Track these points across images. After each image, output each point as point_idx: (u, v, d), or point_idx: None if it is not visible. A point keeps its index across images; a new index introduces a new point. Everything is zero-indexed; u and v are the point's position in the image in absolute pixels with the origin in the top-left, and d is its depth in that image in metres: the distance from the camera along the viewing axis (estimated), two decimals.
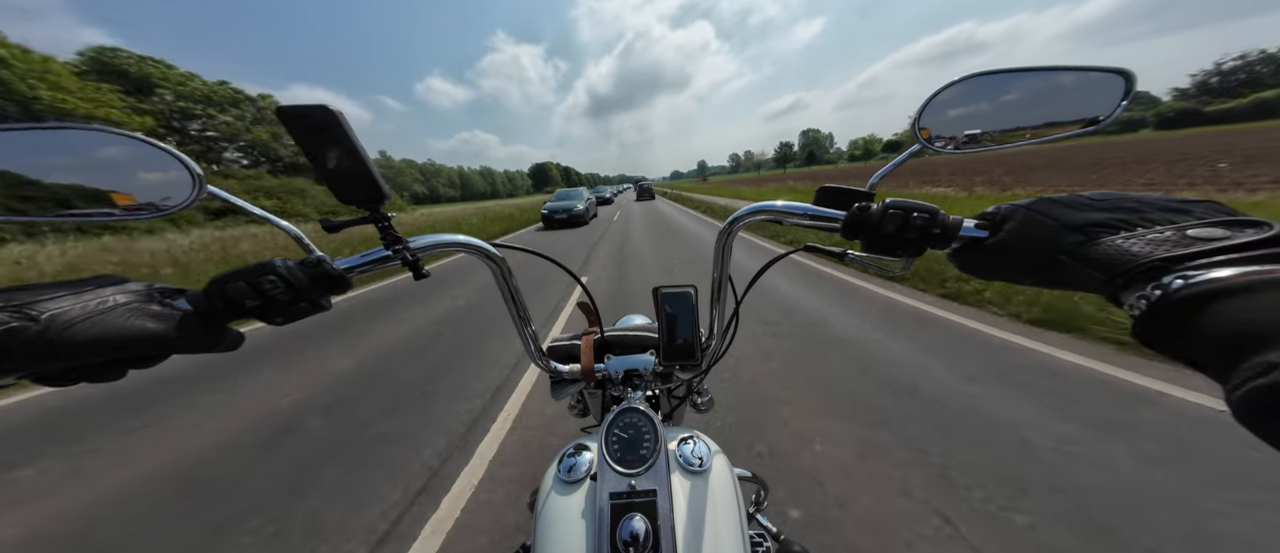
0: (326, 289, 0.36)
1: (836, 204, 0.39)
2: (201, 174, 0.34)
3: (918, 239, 0.35)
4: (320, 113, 0.30)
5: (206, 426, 2.14)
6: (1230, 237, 0.22)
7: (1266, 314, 0.18)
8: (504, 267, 0.52)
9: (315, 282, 0.35)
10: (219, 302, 0.32)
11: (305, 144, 0.31)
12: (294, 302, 0.34)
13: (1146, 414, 1.72)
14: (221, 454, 1.90)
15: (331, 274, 0.36)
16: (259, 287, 0.32)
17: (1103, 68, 0.33)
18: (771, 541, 0.70)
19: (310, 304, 0.35)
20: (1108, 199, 0.27)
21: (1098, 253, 0.25)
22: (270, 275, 0.32)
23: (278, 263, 0.33)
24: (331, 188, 0.34)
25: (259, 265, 0.33)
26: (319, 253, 0.36)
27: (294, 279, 0.33)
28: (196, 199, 0.34)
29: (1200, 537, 1.18)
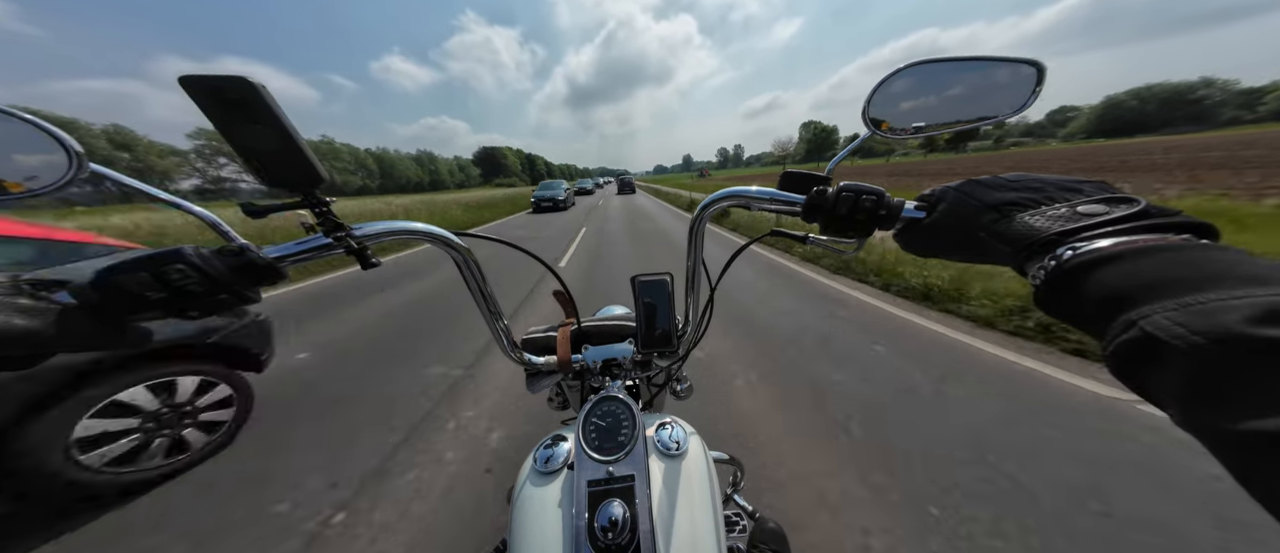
0: (252, 280, 0.33)
1: (798, 188, 0.41)
2: (81, 150, 0.30)
3: (867, 220, 0.37)
4: (237, 85, 0.27)
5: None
6: (1109, 211, 0.25)
7: (1130, 278, 0.21)
8: (470, 258, 0.50)
9: (237, 272, 0.32)
10: (112, 294, 0.28)
11: (219, 121, 0.28)
12: (210, 294, 0.31)
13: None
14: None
15: (258, 264, 0.33)
16: (164, 277, 0.29)
17: (1019, 58, 0.37)
18: (747, 519, 0.74)
19: (232, 296, 0.32)
20: (1020, 180, 0.30)
21: (1008, 229, 0.28)
22: (178, 264, 0.29)
23: (188, 251, 0.30)
24: (254, 171, 0.30)
25: (165, 253, 0.29)
26: (241, 241, 0.33)
27: (210, 269, 0.30)
28: (71, 180, 0.30)
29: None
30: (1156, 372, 0.18)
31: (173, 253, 0.30)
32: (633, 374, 0.63)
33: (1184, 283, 0.19)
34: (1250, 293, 0.17)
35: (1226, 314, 0.16)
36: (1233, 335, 0.16)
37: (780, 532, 0.69)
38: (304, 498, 1.42)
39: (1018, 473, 1.40)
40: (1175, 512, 1.23)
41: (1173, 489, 1.31)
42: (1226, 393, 0.16)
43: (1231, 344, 0.16)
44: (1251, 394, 0.15)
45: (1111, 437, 1.57)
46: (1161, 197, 7.87)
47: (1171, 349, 0.17)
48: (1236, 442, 0.16)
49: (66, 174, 0.30)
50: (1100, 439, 1.56)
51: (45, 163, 0.30)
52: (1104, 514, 1.24)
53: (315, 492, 1.45)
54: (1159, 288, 0.19)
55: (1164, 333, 0.18)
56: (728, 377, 2.15)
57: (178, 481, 1.53)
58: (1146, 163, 18.19)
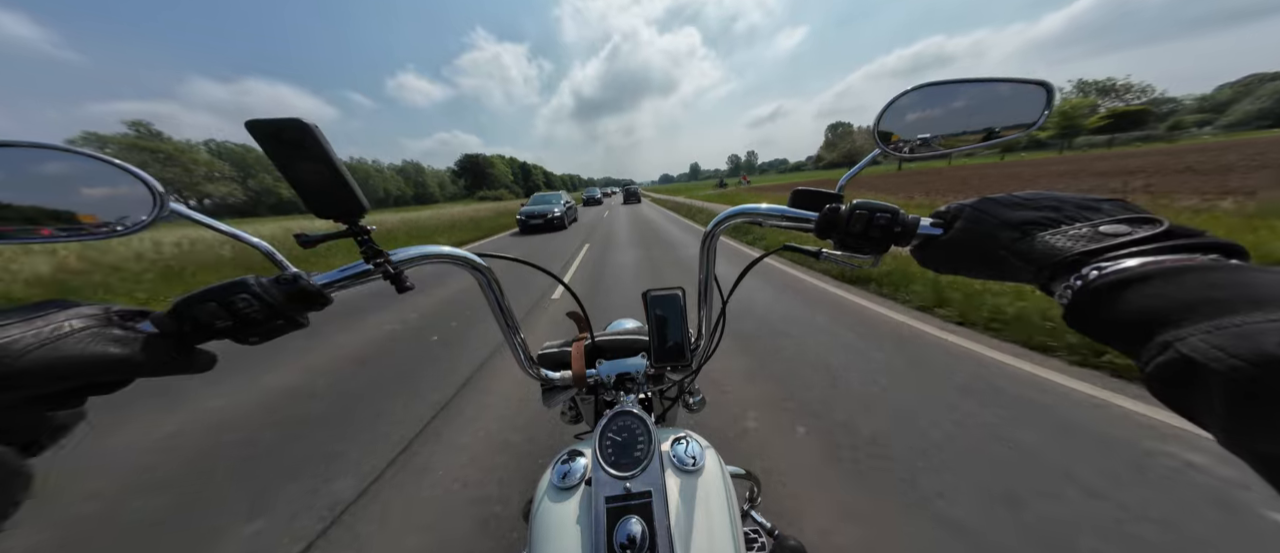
0: (304, 306, 0.35)
1: (809, 206, 0.41)
2: (164, 191, 0.33)
3: (881, 237, 0.37)
4: (294, 127, 0.30)
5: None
6: (1132, 232, 0.25)
7: (1161, 298, 0.21)
8: (491, 277, 0.52)
9: (291, 299, 0.34)
10: (187, 324, 0.31)
11: (277, 158, 0.31)
12: (269, 320, 0.33)
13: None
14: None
15: (309, 291, 0.35)
16: (231, 306, 0.31)
17: (1029, 79, 0.37)
18: (766, 536, 0.72)
19: (287, 322, 0.34)
20: (1036, 198, 0.30)
21: (1030, 249, 0.28)
22: (243, 294, 0.31)
23: (251, 281, 0.32)
24: (306, 202, 0.33)
25: (231, 284, 0.32)
26: (293, 269, 0.35)
27: (269, 297, 0.32)
28: (158, 218, 0.33)
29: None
30: (1197, 394, 0.18)
31: (238, 284, 0.32)
32: (646, 388, 0.63)
33: (1218, 304, 0.19)
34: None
35: (1264, 337, 0.16)
36: (1274, 359, 0.16)
37: (801, 550, 0.67)
38: None
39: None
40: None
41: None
42: (1271, 417, 0.16)
43: (1271, 367, 0.16)
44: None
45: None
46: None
47: (1210, 372, 0.17)
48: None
49: (153, 212, 0.33)
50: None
51: (133, 201, 0.33)
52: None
53: None
54: (1192, 309, 0.19)
55: (1201, 355, 0.17)
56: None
57: None
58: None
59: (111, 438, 1.99)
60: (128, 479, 1.72)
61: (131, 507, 1.55)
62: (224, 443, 1.94)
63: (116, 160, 0.32)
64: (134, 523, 1.49)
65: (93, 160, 0.32)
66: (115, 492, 1.64)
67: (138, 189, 0.33)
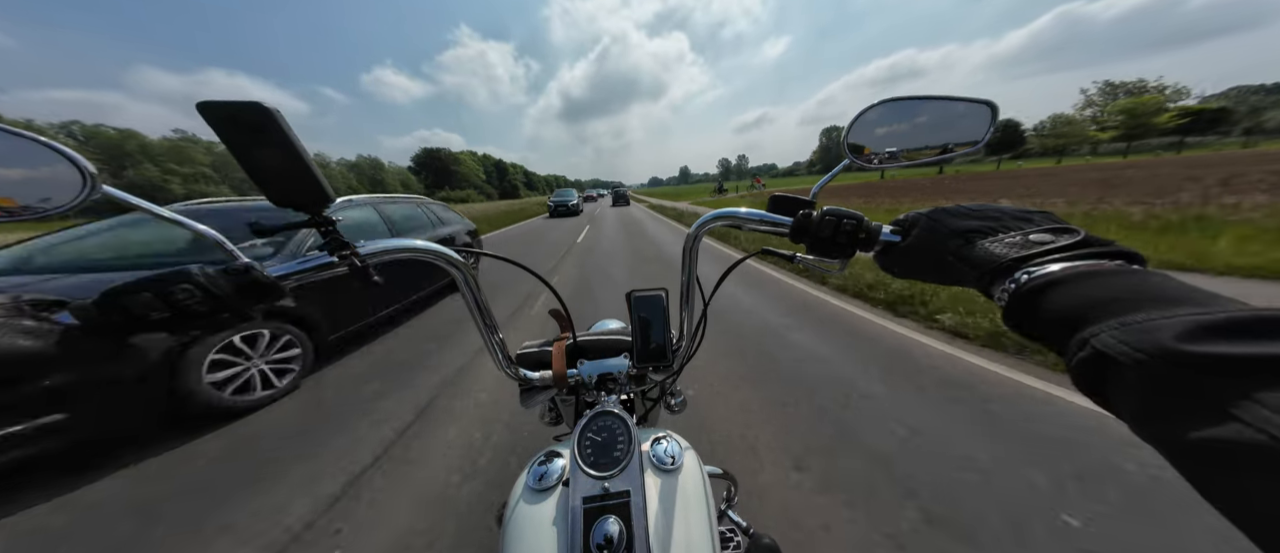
0: (255, 298, 0.33)
1: (786, 211, 0.43)
2: (94, 172, 0.30)
3: (848, 243, 0.39)
4: (252, 111, 0.28)
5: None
6: (1056, 240, 0.28)
7: (1078, 299, 0.23)
8: (468, 273, 0.51)
9: (241, 291, 0.32)
10: (115, 315, 0.28)
11: (234, 144, 0.29)
12: (214, 313, 0.31)
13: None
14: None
15: (262, 282, 0.33)
16: (170, 297, 0.29)
17: (974, 99, 0.40)
18: (742, 535, 0.73)
19: (234, 315, 0.32)
20: (980, 209, 0.33)
21: (973, 254, 0.30)
22: (185, 284, 0.29)
23: (195, 270, 0.30)
24: (265, 191, 0.31)
25: (172, 273, 0.29)
26: (245, 259, 0.33)
27: (215, 288, 0.30)
28: (85, 200, 0.30)
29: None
30: (1110, 386, 0.20)
31: (180, 273, 0.30)
32: (628, 389, 0.63)
33: (1123, 304, 0.21)
34: (1176, 312, 0.19)
35: (1160, 332, 0.18)
36: (1166, 351, 0.18)
37: (775, 548, 0.68)
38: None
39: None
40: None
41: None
42: (1170, 404, 0.18)
43: (1166, 359, 0.17)
44: (1189, 405, 0.17)
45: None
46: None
47: (1120, 365, 0.19)
48: (1181, 449, 0.17)
49: (81, 194, 0.31)
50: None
51: (57, 183, 0.30)
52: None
53: None
54: (1103, 308, 0.22)
55: (1111, 350, 0.19)
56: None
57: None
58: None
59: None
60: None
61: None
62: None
63: (41, 138, 0.30)
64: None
65: (13, 138, 0.29)
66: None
67: (64, 169, 0.30)
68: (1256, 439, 0.14)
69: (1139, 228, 5.14)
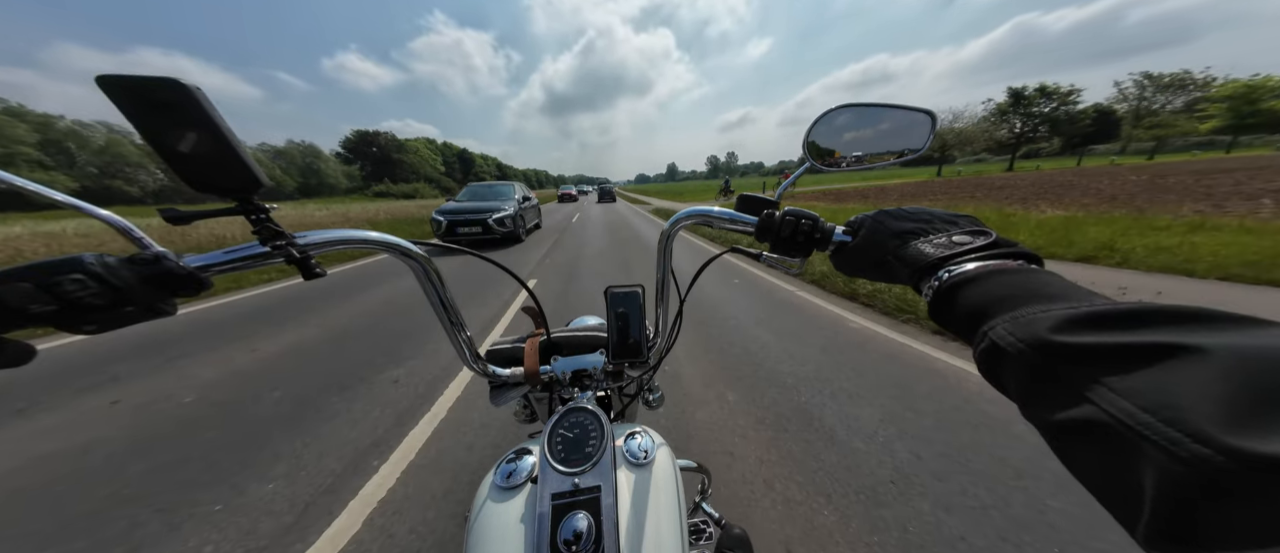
0: (168, 291, 0.31)
1: (752, 210, 0.45)
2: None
3: (805, 242, 0.41)
4: (166, 88, 0.25)
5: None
6: (973, 241, 0.30)
7: (984, 296, 0.26)
8: (429, 267, 0.48)
9: (148, 282, 0.29)
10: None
11: (144, 125, 0.26)
12: (114, 306, 0.28)
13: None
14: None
15: (176, 273, 0.30)
16: (55, 289, 0.26)
17: (916, 107, 0.43)
18: (714, 526, 0.75)
19: (140, 308, 0.29)
20: (916, 213, 0.36)
21: (907, 254, 0.33)
22: (75, 275, 0.26)
23: (88, 259, 0.27)
24: (183, 176, 0.28)
25: (58, 261, 0.26)
26: (157, 248, 0.30)
27: (115, 279, 0.27)
28: None
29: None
30: (1004, 374, 0.22)
31: (69, 261, 0.27)
32: (604, 385, 0.63)
33: (1015, 299, 0.24)
34: (1052, 307, 0.21)
35: (1037, 324, 0.20)
36: (1041, 341, 0.20)
37: (746, 538, 0.70)
38: None
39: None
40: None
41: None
42: (1043, 389, 0.20)
43: (1041, 349, 0.20)
44: (1058, 389, 0.19)
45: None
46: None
47: (1008, 355, 0.21)
48: (1051, 430, 0.19)
49: None
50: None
51: None
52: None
53: None
54: (1001, 304, 0.24)
55: (1002, 341, 0.21)
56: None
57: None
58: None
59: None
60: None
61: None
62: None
63: None
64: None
65: None
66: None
67: None
68: (1101, 418, 0.17)
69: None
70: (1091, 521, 1.21)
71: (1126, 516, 0.16)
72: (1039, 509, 1.28)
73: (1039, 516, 1.26)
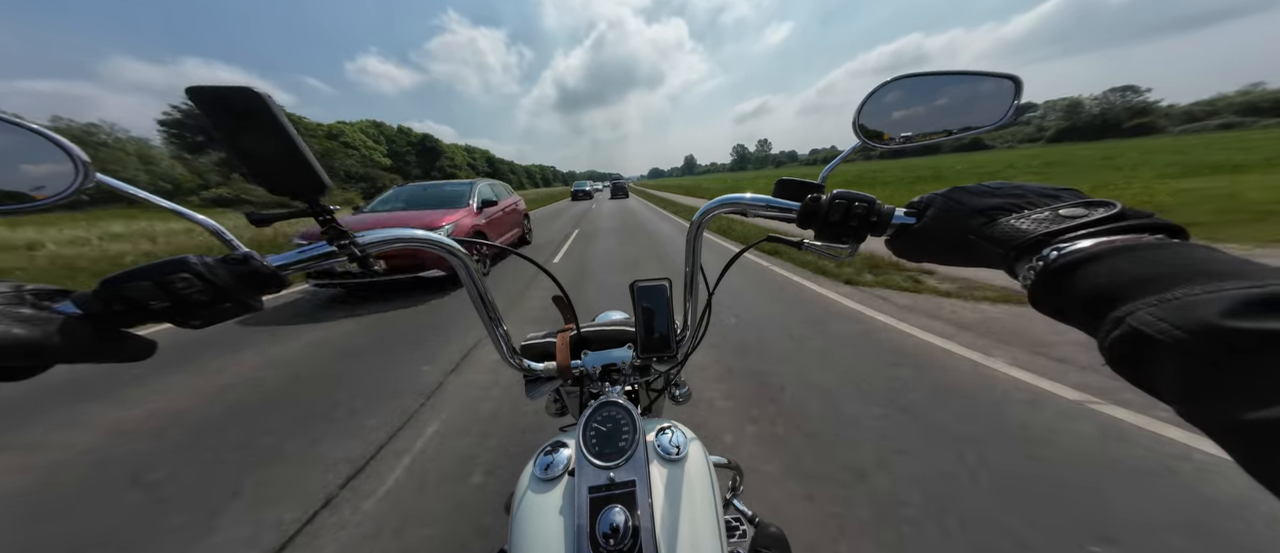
0: (256, 288, 0.33)
1: (793, 196, 0.42)
2: (87, 160, 0.30)
3: (859, 226, 0.38)
4: (242, 96, 0.28)
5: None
6: (1088, 214, 0.26)
7: (1113, 276, 0.22)
8: (469, 263, 0.50)
9: (241, 280, 0.32)
10: (116, 304, 0.28)
11: (223, 130, 0.29)
12: (215, 302, 0.31)
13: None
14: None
15: (262, 272, 0.33)
16: (169, 287, 0.29)
17: (997, 73, 0.39)
18: (748, 524, 0.73)
19: (236, 304, 0.32)
20: (1002, 187, 0.32)
21: (997, 232, 0.29)
22: (184, 274, 0.29)
23: (192, 260, 0.30)
24: (259, 179, 0.31)
25: (169, 262, 0.30)
26: (244, 249, 0.33)
27: (214, 278, 0.30)
28: (79, 188, 0.31)
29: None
30: (1150, 367, 0.19)
31: (178, 262, 0.30)
32: (632, 379, 0.63)
33: (1163, 280, 0.20)
34: (1221, 287, 0.18)
35: (1203, 308, 0.17)
36: (1210, 328, 0.17)
37: (782, 536, 0.69)
38: None
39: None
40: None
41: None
42: (1217, 384, 0.17)
43: (1210, 336, 0.17)
44: (1239, 384, 0.16)
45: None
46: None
47: (1159, 344, 0.18)
48: (1234, 432, 0.16)
49: (74, 183, 0.31)
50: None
51: (52, 172, 0.31)
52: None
53: None
54: (1140, 285, 0.20)
55: (1150, 328, 0.18)
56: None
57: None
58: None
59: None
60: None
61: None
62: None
63: (34, 126, 0.30)
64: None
65: (5, 126, 0.30)
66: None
67: (57, 158, 0.30)
68: None
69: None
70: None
71: None
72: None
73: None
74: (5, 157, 0.30)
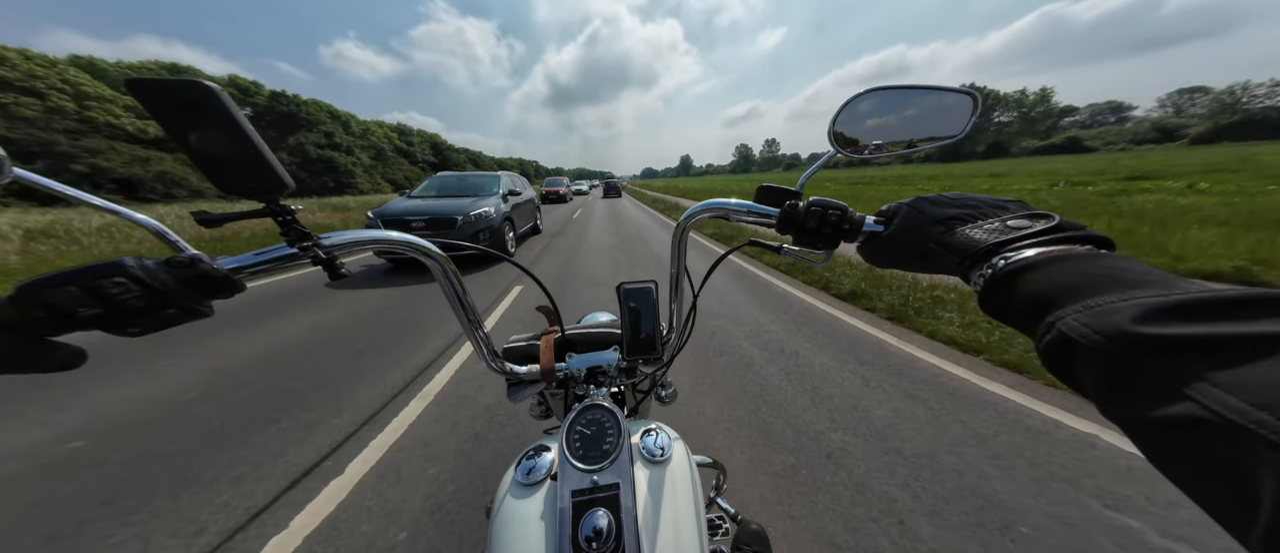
0: (205, 293, 0.31)
1: (773, 201, 0.43)
2: (3, 155, 0.28)
3: (833, 233, 0.39)
4: (190, 90, 0.26)
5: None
6: (1032, 225, 0.28)
7: (1048, 284, 0.24)
8: (448, 267, 0.49)
9: (186, 285, 0.30)
10: (36, 312, 0.26)
11: (171, 125, 0.27)
12: (155, 308, 0.29)
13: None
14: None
15: (212, 275, 0.31)
16: (100, 292, 0.26)
17: (958, 89, 0.41)
18: (730, 521, 0.75)
19: (181, 311, 0.30)
20: (960, 198, 0.34)
21: (954, 241, 0.31)
22: (118, 278, 0.27)
23: (129, 263, 0.28)
24: (211, 177, 0.29)
25: (101, 265, 0.27)
26: (191, 250, 0.31)
27: (155, 282, 0.28)
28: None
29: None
30: (1076, 367, 0.21)
31: (112, 265, 0.27)
32: (618, 381, 0.63)
33: (1087, 288, 0.22)
34: (1133, 296, 0.20)
35: (1117, 315, 0.19)
36: (1122, 333, 0.18)
37: (762, 533, 0.70)
38: None
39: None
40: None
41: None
42: (1128, 384, 0.18)
43: (1122, 340, 0.18)
44: (1145, 384, 0.17)
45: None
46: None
47: (1082, 347, 0.20)
48: (1141, 428, 0.18)
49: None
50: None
51: None
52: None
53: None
54: (1069, 292, 0.22)
55: (1074, 333, 0.20)
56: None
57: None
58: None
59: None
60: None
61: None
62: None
63: None
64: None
65: None
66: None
67: None
68: (1204, 416, 0.15)
69: None
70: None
71: (1235, 521, 0.15)
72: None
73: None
74: None
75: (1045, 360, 0.23)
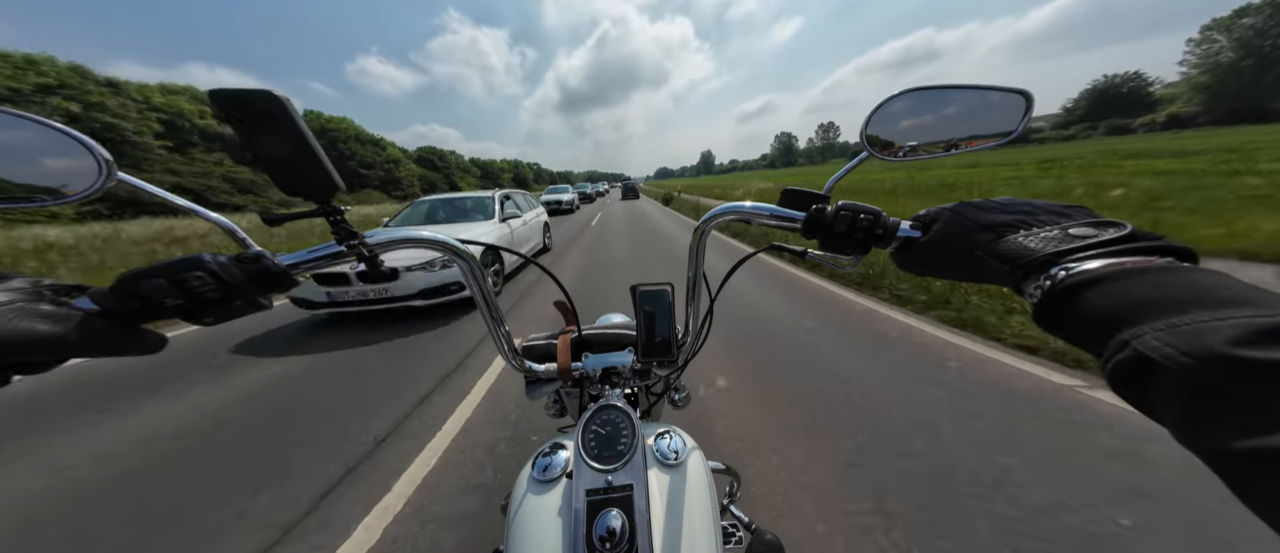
0: (267, 287, 0.34)
1: (798, 206, 0.42)
2: (110, 159, 0.31)
3: (864, 238, 0.38)
4: (263, 98, 0.29)
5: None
6: (1098, 234, 0.26)
7: (1120, 298, 0.22)
8: (474, 265, 0.51)
9: (252, 279, 0.33)
10: (132, 301, 0.29)
11: (244, 132, 0.30)
12: (227, 300, 0.32)
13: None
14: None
15: (273, 271, 0.34)
16: (183, 284, 0.30)
17: (1009, 88, 0.38)
18: (744, 530, 0.73)
19: (246, 303, 0.33)
20: (1011, 204, 0.31)
21: (1004, 249, 0.29)
22: (198, 272, 0.30)
23: (207, 258, 0.31)
24: (275, 179, 0.32)
25: (184, 260, 0.31)
26: (257, 248, 0.34)
27: (227, 276, 0.31)
28: (102, 186, 0.32)
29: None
30: (1152, 391, 0.19)
31: (192, 260, 0.31)
32: (632, 383, 0.63)
33: (1171, 304, 0.20)
34: (1232, 315, 0.18)
35: (1211, 335, 0.17)
36: (1217, 356, 0.16)
37: (778, 544, 0.68)
38: None
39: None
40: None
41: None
42: (1218, 412, 0.17)
43: (1216, 364, 0.16)
44: (1240, 413, 0.16)
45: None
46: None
47: (1163, 369, 0.18)
48: (1231, 460, 0.16)
49: (97, 182, 0.32)
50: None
51: (74, 169, 0.32)
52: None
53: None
54: (1148, 308, 0.20)
55: (1155, 353, 0.18)
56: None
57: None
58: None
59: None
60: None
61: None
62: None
63: (60, 126, 0.31)
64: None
65: (30, 124, 0.30)
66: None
67: (81, 156, 0.31)
68: None
69: None
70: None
71: None
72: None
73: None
74: (31, 153, 0.31)
75: (1114, 381, 0.20)
